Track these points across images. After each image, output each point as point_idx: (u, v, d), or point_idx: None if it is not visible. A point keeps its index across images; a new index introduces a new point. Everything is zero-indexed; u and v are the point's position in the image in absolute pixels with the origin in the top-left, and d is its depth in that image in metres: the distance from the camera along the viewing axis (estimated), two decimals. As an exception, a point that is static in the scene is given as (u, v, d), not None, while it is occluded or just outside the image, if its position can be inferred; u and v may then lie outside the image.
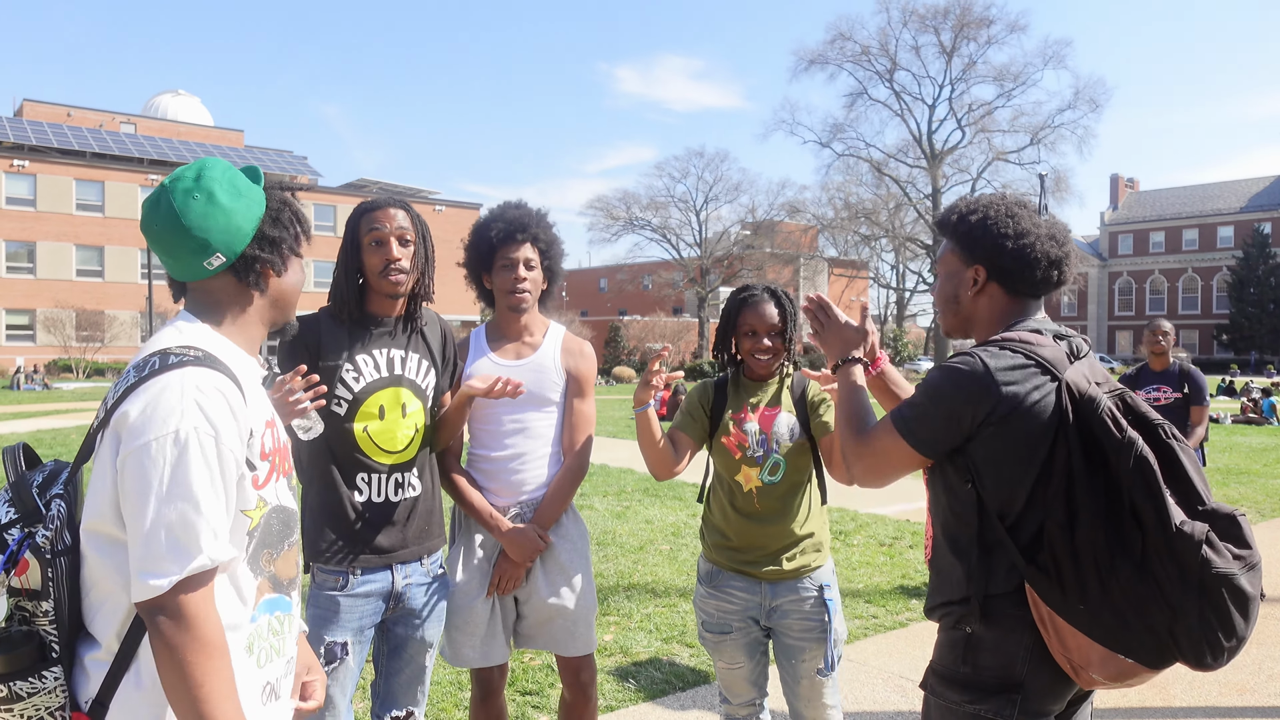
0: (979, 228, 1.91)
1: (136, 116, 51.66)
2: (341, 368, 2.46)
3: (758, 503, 2.70)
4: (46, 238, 40.99)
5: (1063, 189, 47.46)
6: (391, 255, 2.44)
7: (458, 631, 2.72)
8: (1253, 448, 14.98)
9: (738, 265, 55.91)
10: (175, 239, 1.51)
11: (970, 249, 1.94)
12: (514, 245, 2.73)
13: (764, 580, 2.70)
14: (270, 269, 1.60)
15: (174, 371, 1.39)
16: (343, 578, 2.43)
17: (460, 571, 2.75)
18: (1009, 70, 48.05)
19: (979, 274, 1.93)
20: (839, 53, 49.35)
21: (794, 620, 2.70)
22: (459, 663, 2.76)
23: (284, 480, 1.60)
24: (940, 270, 2.03)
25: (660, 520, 8.35)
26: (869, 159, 50.63)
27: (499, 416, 2.76)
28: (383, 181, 52.12)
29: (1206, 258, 66.95)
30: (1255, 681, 4.44)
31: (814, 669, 2.69)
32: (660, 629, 5.07)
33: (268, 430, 1.54)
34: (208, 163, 1.58)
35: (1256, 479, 11.39)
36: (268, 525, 1.54)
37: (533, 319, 2.84)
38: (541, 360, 2.81)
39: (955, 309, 1.99)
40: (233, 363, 1.51)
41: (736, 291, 2.81)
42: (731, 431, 2.74)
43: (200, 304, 1.58)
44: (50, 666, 1.40)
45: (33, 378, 29.52)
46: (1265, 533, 8.16)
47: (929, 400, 1.83)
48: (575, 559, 2.82)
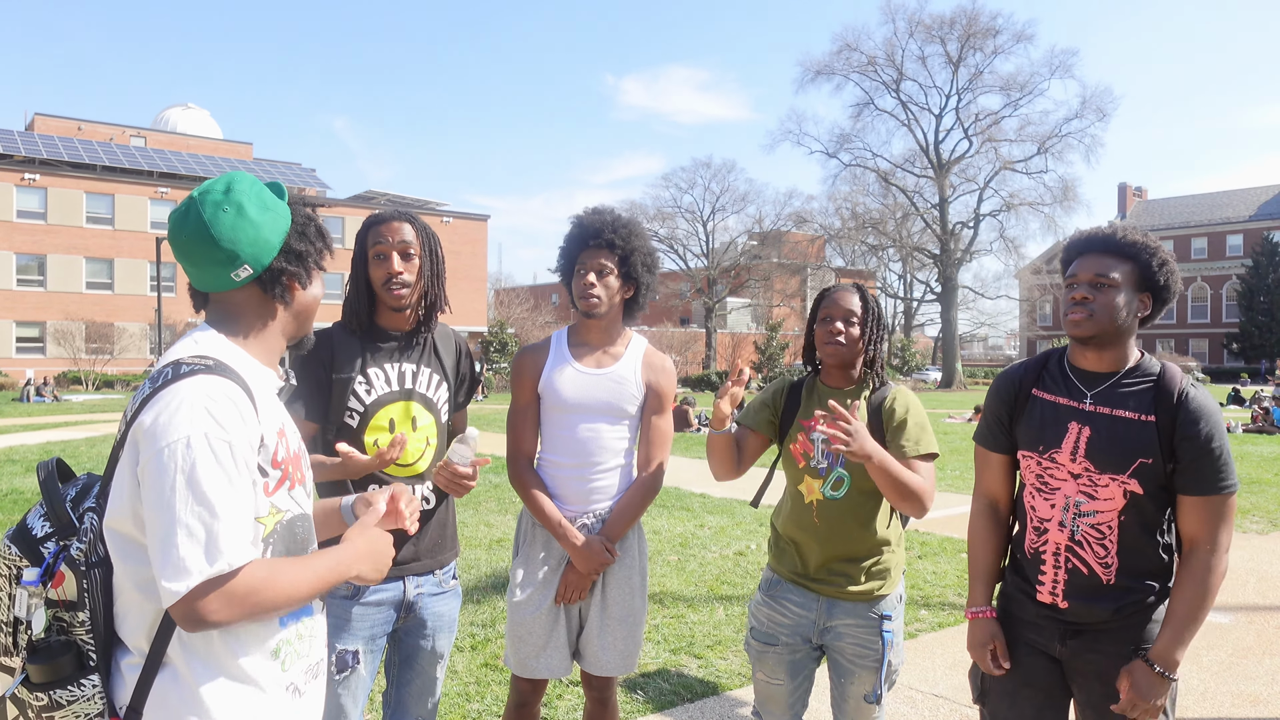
0: (1165, 270, 2.17)
1: (146, 130, 51.99)
2: (353, 380, 2.47)
3: (816, 517, 2.59)
4: (57, 250, 41.20)
5: (1070, 198, 47.42)
6: (393, 269, 2.45)
7: (520, 641, 2.72)
8: (1264, 457, 14.88)
9: (745, 276, 55.95)
10: (203, 250, 1.54)
11: (1149, 279, 2.17)
12: (588, 251, 2.75)
13: (820, 595, 2.61)
14: (295, 282, 1.63)
15: (185, 380, 1.42)
16: (354, 586, 2.43)
17: (524, 580, 2.75)
18: (1016, 80, 48.14)
19: (1147, 302, 2.19)
20: (845, 63, 49.51)
21: (847, 644, 2.60)
22: (523, 672, 2.74)
23: (299, 489, 1.62)
24: (1120, 279, 2.15)
25: (668, 531, 8.33)
26: (876, 169, 50.68)
27: (574, 424, 2.74)
28: (391, 193, 52.28)
29: (1216, 266, 66.71)
30: (1269, 693, 4.41)
31: (861, 693, 2.61)
32: (668, 640, 5.06)
33: (279, 439, 1.55)
34: (236, 176, 1.60)
35: (1269, 488, 11.31)
36: (289, 533, 1.57)
37: (614, 328, 2.83)
38: (622, 372, 2.79)
39: (1119, 321, 2.15)
40: (246, 372, 1.54)
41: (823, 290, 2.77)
42: (798, 439, 2.65)
43: (222, 315, 1.61)
44: (88, 674, 1.45)
45: (42, 390, 29.63)
46: (1277, 543, 8.10)
47: (1228, 446, 2.12)
48: (638, 577, 2.82)
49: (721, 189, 56.64)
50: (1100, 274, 2.14)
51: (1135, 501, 2.11)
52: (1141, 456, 2.09)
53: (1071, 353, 2.27)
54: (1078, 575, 2.17)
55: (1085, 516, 2.15)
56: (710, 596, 6.08)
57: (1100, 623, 2.17)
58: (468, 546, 7.54)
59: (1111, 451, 2.12)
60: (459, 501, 9.74)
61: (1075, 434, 2.17)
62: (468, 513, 9.13)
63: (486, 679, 4.40)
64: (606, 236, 2.73)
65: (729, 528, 8.51)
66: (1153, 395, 2.13)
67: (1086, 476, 2.15)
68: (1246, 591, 6.39)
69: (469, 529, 8.30)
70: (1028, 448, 2.27)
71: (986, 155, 48.84)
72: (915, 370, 52.06)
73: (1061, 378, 2.26)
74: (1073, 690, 2.25)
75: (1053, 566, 2.22)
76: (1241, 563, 7.27)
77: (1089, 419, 2.17)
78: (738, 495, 10.47)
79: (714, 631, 5.25)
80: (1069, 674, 2.23)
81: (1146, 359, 2.21)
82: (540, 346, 2.85)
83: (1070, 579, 2.18)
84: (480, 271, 50.68)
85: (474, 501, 9.79)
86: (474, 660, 4.68)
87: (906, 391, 2.68)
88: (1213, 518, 2.08)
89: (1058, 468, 2.19)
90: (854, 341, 2.59)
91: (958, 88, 48.87)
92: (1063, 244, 2.59)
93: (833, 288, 2.70)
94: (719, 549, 7.56)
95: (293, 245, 1.60)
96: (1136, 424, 2.11)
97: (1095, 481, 2.14)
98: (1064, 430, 2.19)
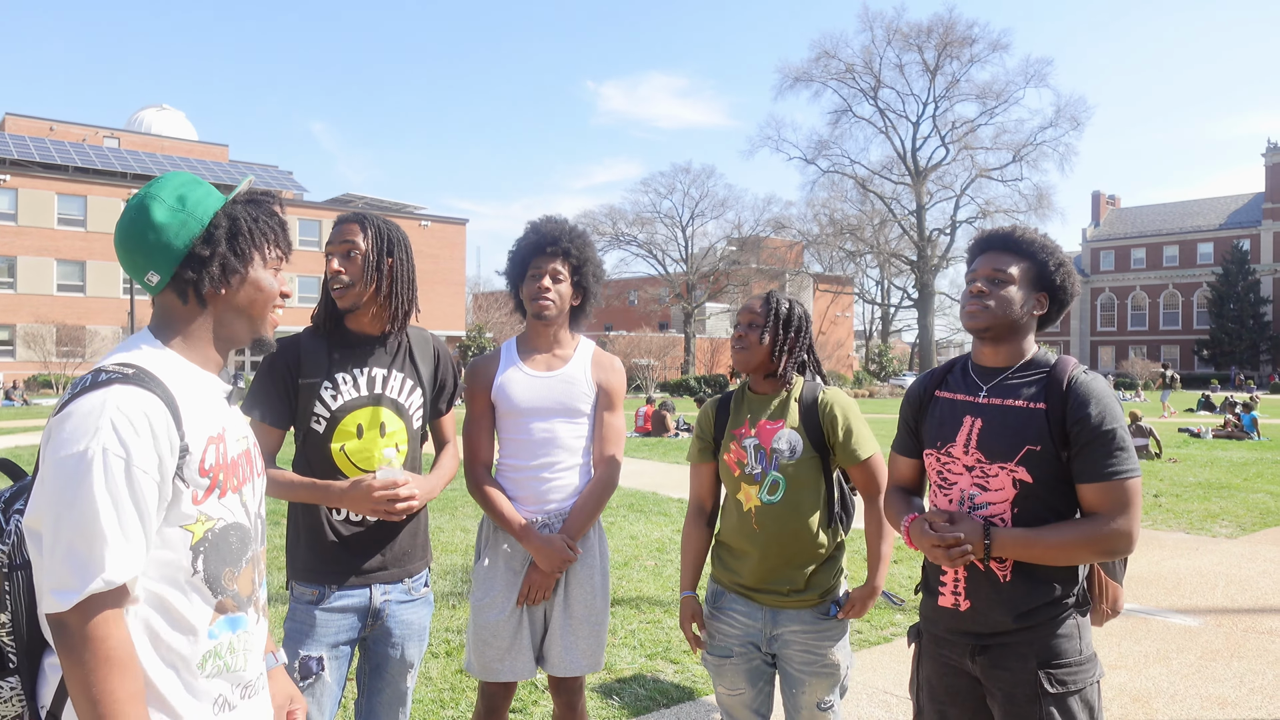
0: (1061, 270, 2.22)
1: (120, 131, 51.45)
2: (320, 386, 2.44)
3: (756, 523, 2.57)
4: (27, 252, 40.67)
5: (1045, 206, 47.97)
6: (332, 268, 2.44)
7: (484, 645, 2.71)
8: (1234, 462, 15.09)
9: (724, 281, 56.12)
10: (121, 254, 1.57)
11: (1045, 279, 2.23)
12: (542, 257, 2.79)
13: (764, 605, 2.60)
14: (211, 286, 1.57)
15: (99, 390, 1.40)
16: (319, 590, 2.40)
17: (487, 584, 2.75)
18: (991, 88, 48.70)
19: (1043, 301, 2.23)
20: (824, 70, 49.90)
21: (795, 651, 2.58)
22: (486, 676, 2.74)
23: (233, 496, 1.57)
24: (1016, 275, 2.21)
25: (645, 536, 8.33)
26: (854, 175, 51.09)
27: (529, 426, 2.77)
28: (369, 196, 51.97)
29: (1187, 274, 67.64)
30: (1237, 695, 4.47)
31: (814, 701, 2.59)
32: (644, 645, 5.06)
33: (211, 446, 1.52)
34: (165, 177, 1.60)
35: (1238, 493, 11.47)
36: (222, 541, 1.53)
37: (562, 333, 2.88)
38: (572, 373, 2.83)
39: (1013, 317, 2.20)
40: (175, 379, 1.50)
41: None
42: (731, 448, 2.65)
43: (157, 318, 1.60)
44: (7, 676, 1.43)
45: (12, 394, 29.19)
46: (1246, 547, 8.22)
47: (1125, 432, 2.09)
48: (599, 576, 2.83)
49: (701, 194, 56.94)
50: (997, 268, 2.20)
51: (1026, 491, 2.09)
52: (1029, 444, 2.09)
53: (973, 351, 2.32)
54: (975, 571, 2.16)
55: (979, 509, 2.15)
56: (687, 601, 6.07)
57: (1003, 633, 2.14)
58: (444, 552, 7.50)
59: (1000, 440, 2.13)
60: (434, 506, 9.69)
61: (969, 427, 2.20)
62: (444, 518, 9.09)
63: (461, 685, 4.38)
64: (563, 245, 2.79)
65: (706, 532, 8.50)
66: (1044, 384, 2.14)
67: (979, 469, 2.16)
68: (1215, 595, 6.48)
69: (445, 534, 8.25)
70: (929, 446, 2.29)
71: (963, 163, 49.43)
72: (893, 376, 52.36)
73: (962, 376, 2.30)
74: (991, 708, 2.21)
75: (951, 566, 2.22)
76: (1211, 566, 7.37)
77: (981, 411, 2.19)
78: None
79: (690, 636, 5.25)
80: (986, 691, 2.20)
81: (1043, 353, 2.23)
82: (491, 356, 2.89)
83: (969, 577, 2.18)
84: (459, 276, 50.46)
85: (450, 507, 9.74)
86: (449, 666, 4.66)
87: (837, 392, 2.68)
88: (1113, 507, 2.04)
89: (954, 461, 2.20)
90: (754, 345, 2.61)
91: (934, 95, 49.40)
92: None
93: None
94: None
95: (197, 250, 1.55)
96: (1025, 412, 2.12)
97: (987, 473, 2.14)
98: (959, 424, 2.22)
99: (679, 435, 20.09)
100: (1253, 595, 6.46)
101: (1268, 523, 9.39)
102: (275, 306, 1.70)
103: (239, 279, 1.61)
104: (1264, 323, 61.67)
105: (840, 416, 2.60)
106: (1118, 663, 4.91)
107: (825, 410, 2.60)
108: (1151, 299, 69.39)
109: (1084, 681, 2.09)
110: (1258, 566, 7.38)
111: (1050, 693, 2.07)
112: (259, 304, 1.65)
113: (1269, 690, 4.53)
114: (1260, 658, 5.03)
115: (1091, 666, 2.12)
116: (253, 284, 1.63)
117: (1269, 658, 5.03)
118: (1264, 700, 4.40)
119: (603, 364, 2.91)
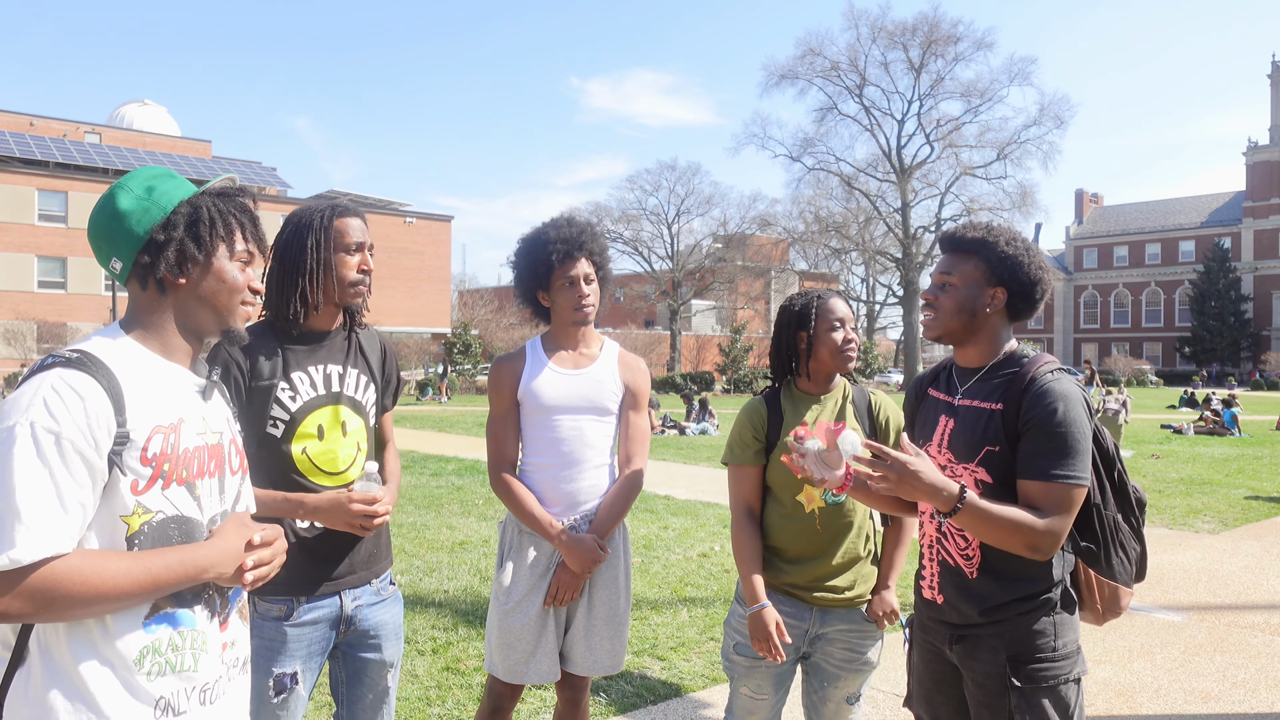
0: (1011, 260, 2.14)
1: (101, 126, 50.97)
2: (276, 387, 2.31)
3: (819, 524, 2.59)
4: (7, 249, 40.22)
5: (1029, 204, 48.15)
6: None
7: (509, 648, 2.70)
8: (1215, 458, 15.23)
9: (709, 278, 56.14)
10: (91, 242, 1.60)
11: (998, 272, 2.16)
12: (572, 263, 2.76)
13: (815, 606, 2.60)
14: (168, 272, 1.57)
15: (43, 372, 1.43)
16: (287, 605, 2.29)
17: (513, 585, 2.72)
18: (976, 87, 48.74)
19: (999, 295, 2.17)
20: (809, 68, 49.81)
21: (838, 649, 2.61)
22: (511, 679, 2.72)
23: (182, 489, 1.54)
24: (958, 279, 2.18)
25: (632, 533, 8.31)
26: (839, 173, 51.06)
27: (557, 423, 2.76)
28: (353, 193, 51.54)
29: (1169, 271, 68.23)
30: (1220, 689, 4.51)
31: (844, 696, 2.63)
32: (632, 642, 5.05)
33: (158, 435, 1.49)
34: (140, 170, 1.62)
35: (1219, 489, 11.57)
36: (160, 535, 1.49)
37: (589, 331, 2.88)
38: (599, 372, 2.84)
39: (969, 319, 2.18)
40: (127, 367, 1.49)
41: (796, 297, 2.72)
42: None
43: (127, 309, 1.62)
44: None
45: (-8, 391, 28.90)
46: (1227, 542, 8.29)
47: (1081, 437, 2.02)
48: (623, 577, 2.83)
49: (686, 191, 56.85)
50: (944, 273, 2.20)
51: (987, 492, 2.08)
52: (988, 444, 2.10)
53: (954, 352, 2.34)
54: (946, 567, 2.21)
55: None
56: (674, 599, 6.09)
57: (973, 625, 2.16)
58: (430, 550, 7.48)
59: (966, 441, 2.15)
60: (418, 503, 9.65)
61: (943, 427, 2.23)
62: (430, 515, 9.05)
63: (448, 683, 4.37)
64: (588, 246, 2.78)
65: (693, 530, 8.53)
66: (1007, 384, 2.13)
67: (950, 468, 2.18)
68: (1198, 590, 6.53)
69: (431, 531, 8.22)
70: (916, 442, 2.32)
71: (947, 161, 49.45)
72: (878, 373, 52.55)
73: (948, 377, 2.33)
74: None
75: (929, 559, 2.27)
76: (1193, 562, 7.43)
77: (955, 412, 2.22)
78: (701, 497, 10.50)
79: (678, 633, 5.26)
80: (963, 678, 2.23)
81: (1021, 351, 2.22)
82: (517, 355, 2.86)
83: (941, 571, 2.22)
84: (444, 272, 50.18)
85: (436, 504, 9.71)
86: (435, 664, 4.64)
87: (884, 395, 2.75)
88: (1051, 509, 1.98)
89: (932, 460, 2.21)
90: (859, 347, 2.66)
91: (919, 93, 49.42)
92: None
93: (819, 294, 2.69)
94: (683, 551, 7.57)
95: (155, 237, 1.56)
96: (986, 412, 2.13)
97: (955, 473, 2.16)
98: (936, 424, 2.25)
99: (664, 432, 20.15)
100: (1235, 590, 6.52)
101: (1249, 518, 9.48)
102: (244, 301, 1.67)
103: (199, 269, 1.60)
104: (1244, 320, 62.31)
105: (894, 419, 2.70)
106: (1102, 658, 4.95)
107: (879, 412, 2.71)
108: (1134, 296, 69.96)
109: (1056, 678, 2.09)
110: (1240, 561, 7.45)
111: (1018, 686, 2.08)
112: (222, 295, 1.63)
113: (1251, 684, 4.57)
114: (1242, 652, 5.08)
115: (1069, 664, 2.11)
116: (215, 275, 1.62)
117: (1251, 652, 5.08)
118: (1246, 694, 4.44)
119: (629, 364, 2.93)
